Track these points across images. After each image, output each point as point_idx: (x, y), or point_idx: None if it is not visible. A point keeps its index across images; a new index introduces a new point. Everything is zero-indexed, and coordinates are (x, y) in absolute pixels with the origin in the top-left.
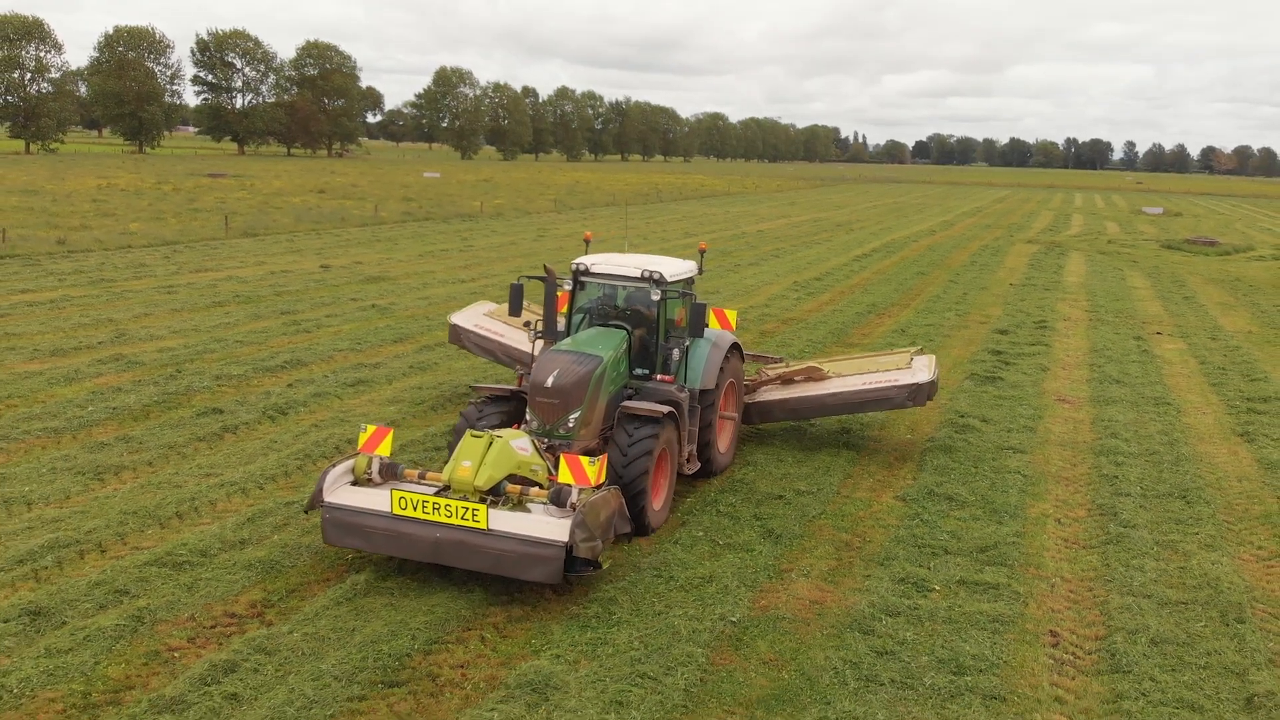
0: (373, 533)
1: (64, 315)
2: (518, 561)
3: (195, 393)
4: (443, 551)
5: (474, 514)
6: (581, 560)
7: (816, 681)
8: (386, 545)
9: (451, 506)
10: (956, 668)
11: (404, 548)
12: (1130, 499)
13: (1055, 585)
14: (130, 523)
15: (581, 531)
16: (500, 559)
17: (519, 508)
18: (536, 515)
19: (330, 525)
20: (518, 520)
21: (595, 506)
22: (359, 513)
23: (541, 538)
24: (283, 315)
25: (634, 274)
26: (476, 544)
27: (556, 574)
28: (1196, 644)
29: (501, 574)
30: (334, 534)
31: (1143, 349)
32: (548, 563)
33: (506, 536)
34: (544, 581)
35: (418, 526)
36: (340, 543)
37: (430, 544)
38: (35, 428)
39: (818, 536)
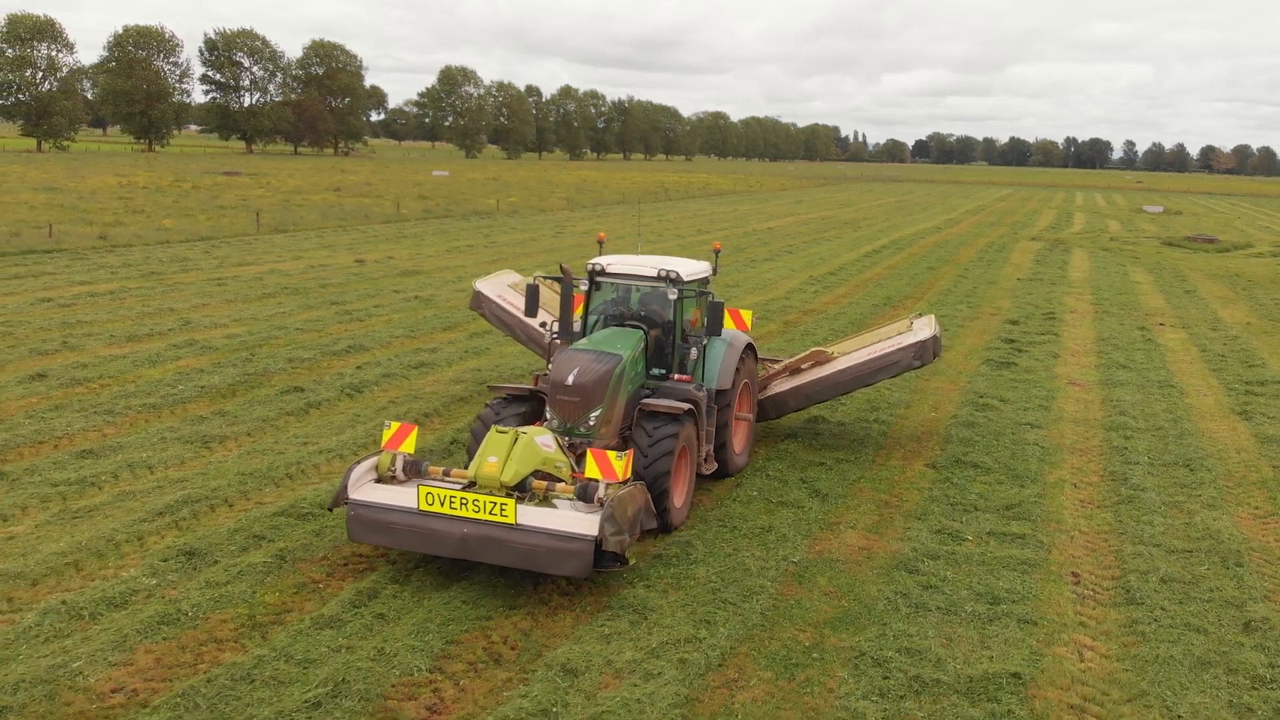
0: (399, 529)
1: (126, 305)
2: (548, 556)
3: (272, 374)
4: (470, 547)
5: (502, 509)
6: (610, 554)
7: (872, 608)
8: (413, 541)
9: (480, 501)
10: (992, 599)
11: (431, 544)
12: (1139, 467)
13: (1074, 537)
14: (248, 482)
15: (611, 525)
16: (530, 554)
17: (545, 503)
18: (563, 510)
19: (355, 522)
20: (546, 515)
21: (623, 501)
22: (385, 509)
23: (572, 532)
24: (333, 305)
25: (650, 274)
26: (505, 539)
27: (586, 568)
28: (1200, 583)
29: (530, 569)
30: (359, 531)
31: (1147, 338)
32: (578, 556)
33: (536, 531)
34: (573, 575)
35: (445, 522)
36: (365, 539)
37: (457, 539)
38: (135, 404)
39: (859, 496)
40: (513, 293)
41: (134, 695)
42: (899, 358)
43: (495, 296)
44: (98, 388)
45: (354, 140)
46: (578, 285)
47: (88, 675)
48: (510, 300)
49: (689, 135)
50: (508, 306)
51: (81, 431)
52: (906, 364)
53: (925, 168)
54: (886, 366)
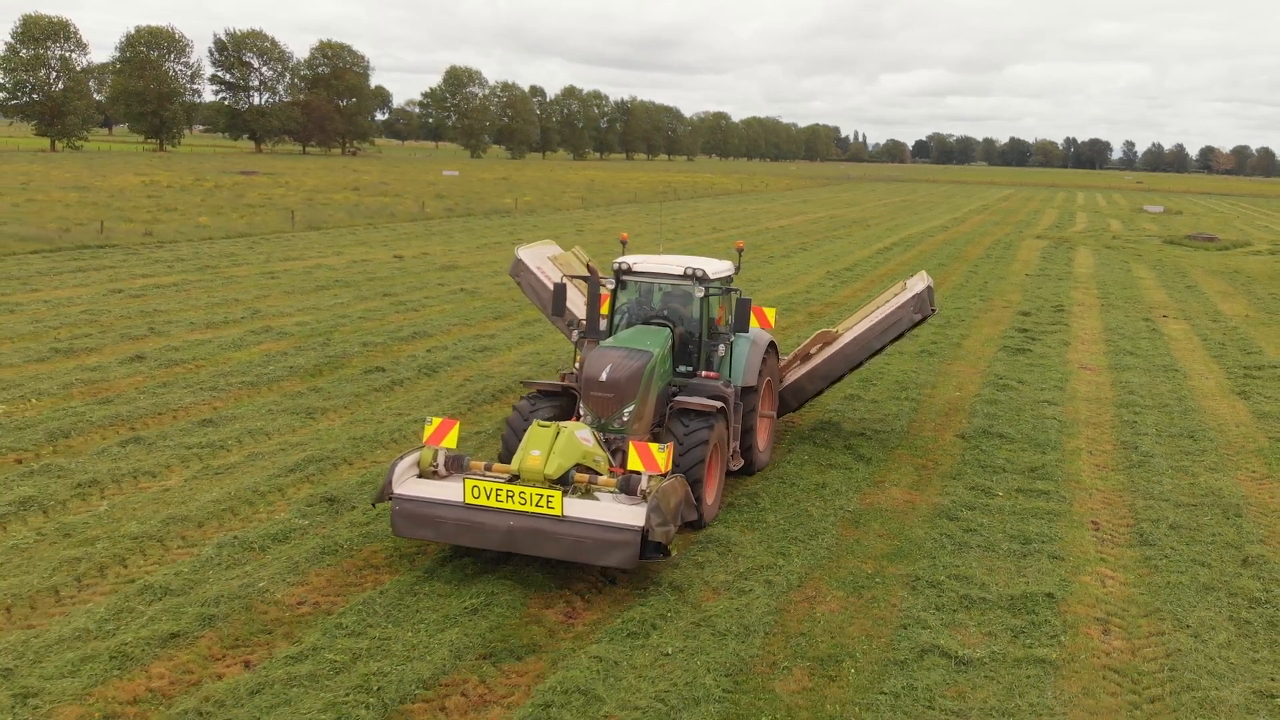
0: (444, 523)
1: (193, 297)
2: (594, 547)
3: (351, 356)
4: (516, 539)
5: (548, 500)
6: (654, 545)
7: (921, 546)
8: (458, 535)
9: (526, 494)
10: (1024, 540)
11: (476, 537)
12: (1148, 437)
13: (1092, 493)
14: (360, 445)
15: (657, 516)
16: (576, 545)
17: (587, 496)
18: (607, 502)
19: (400, 517)
20: (592, 507)
21: (666, 492)
22: (430, 503)
23: (619, 523)
24: (385, 297)
25: (676, 272)
26: (551, 530)
27: (633, 559)
28: (1204, 529)
29: (577, 560)
30: (404, 526)
31: (1151, 328)
32: (625, 547)
33: (582, 522)
34: (619, 567)
35: (491, 515)
36: (410, 534)
37: (503, 532)
38: (233, 382)
39: (899, 460)
40: (550, 265)
41: (317, 606)
42: (899, 315)
43: (534, 267)
44: (194, 368)
45: (361, 140)
46: (604, 284)
47: (273, 592)
48: (547, 273)
49: (690, 135)
50: (543, 279)
51: (193, 405)
52: (908, 320)
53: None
54: (890, 327)
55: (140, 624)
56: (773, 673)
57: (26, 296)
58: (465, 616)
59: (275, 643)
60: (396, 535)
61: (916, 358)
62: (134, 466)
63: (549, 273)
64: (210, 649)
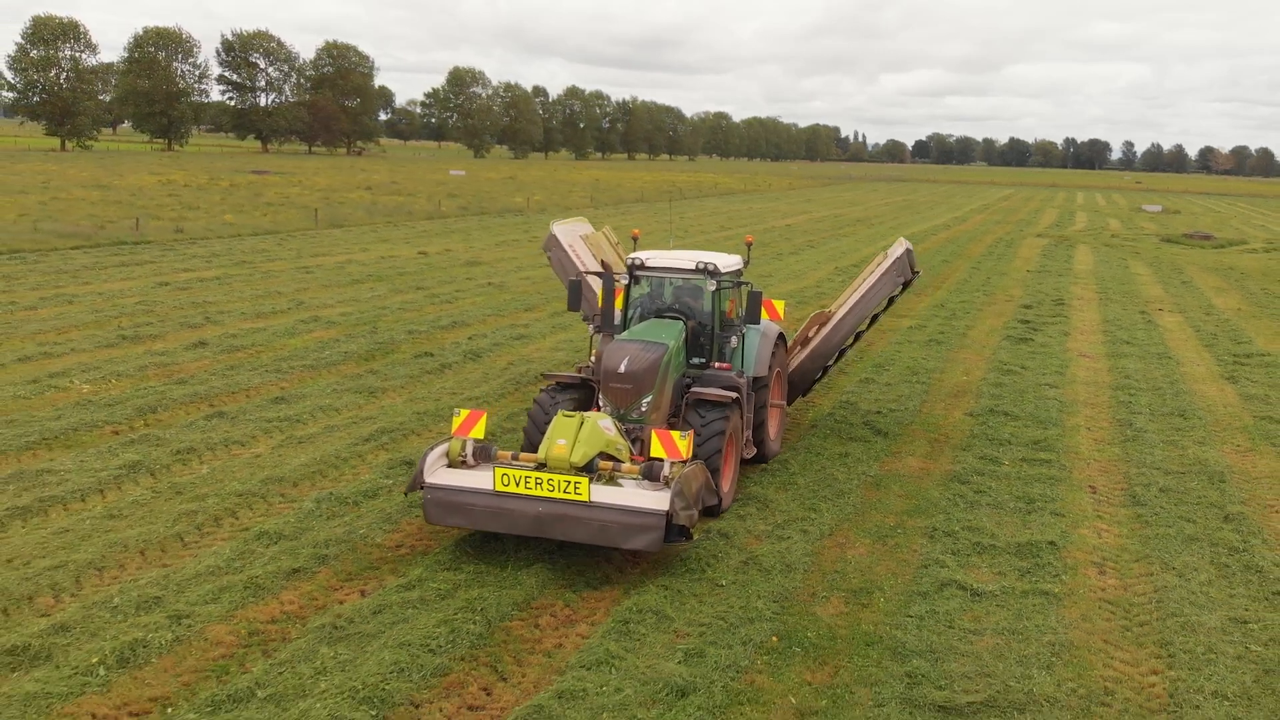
0: (475, 510)
1: (236, 289)
2: (620, 531)
3: (399, 343)
4: (545, 524)
5: (576, 487)
6: (677, 528)
7: (937, 504)
8: (489, 521)
9: (554, 481)
10: (1028, 500)
11: (506, 523)
12: (1141, 415)
13: (1090, 463)
14: (423, 419)
15: (680, 500)
16: (603, 529)
17: (611, 483)
18: (630, 488)
19: (432, 505)
20: (617, 493)
21: (688, 478)
22: (461, 491)
23: (644, 507)
24: (418, 290)
25: (689, 267)
26: (579, 516)
27: (658, 542)
28: (1191, 492)
29: (603, 544)
30: (436, 513)
31: (1147, 320)
32: (650, 531)
33: (608, 508)
34: (645, 549)
35: (520, 502)
36: (442, 521)
37: (532, 518)
38: (295, 365)
39: (913, 434)
40: (581, 245)
41: (414, 548)
42: (884, 282)
43: (566, 245)
44: (254, 353)
45: (366, 140)
46: (618, 280)
47: (373, 536)
48: (578, 252)
49: (691, 135)
50: (573, 257)
51: (262, 385)
52: (892, 283)
53: (926, 168)
54: (876, 290)
55: (263, 562)
56: (813, 600)
57: (80, 289)
58: (545, 557)
59: (384, 576)
60: (429, 522)
61: (925, 346)
62: (223, 437)
63: (579, 252)
64: (329, 581)
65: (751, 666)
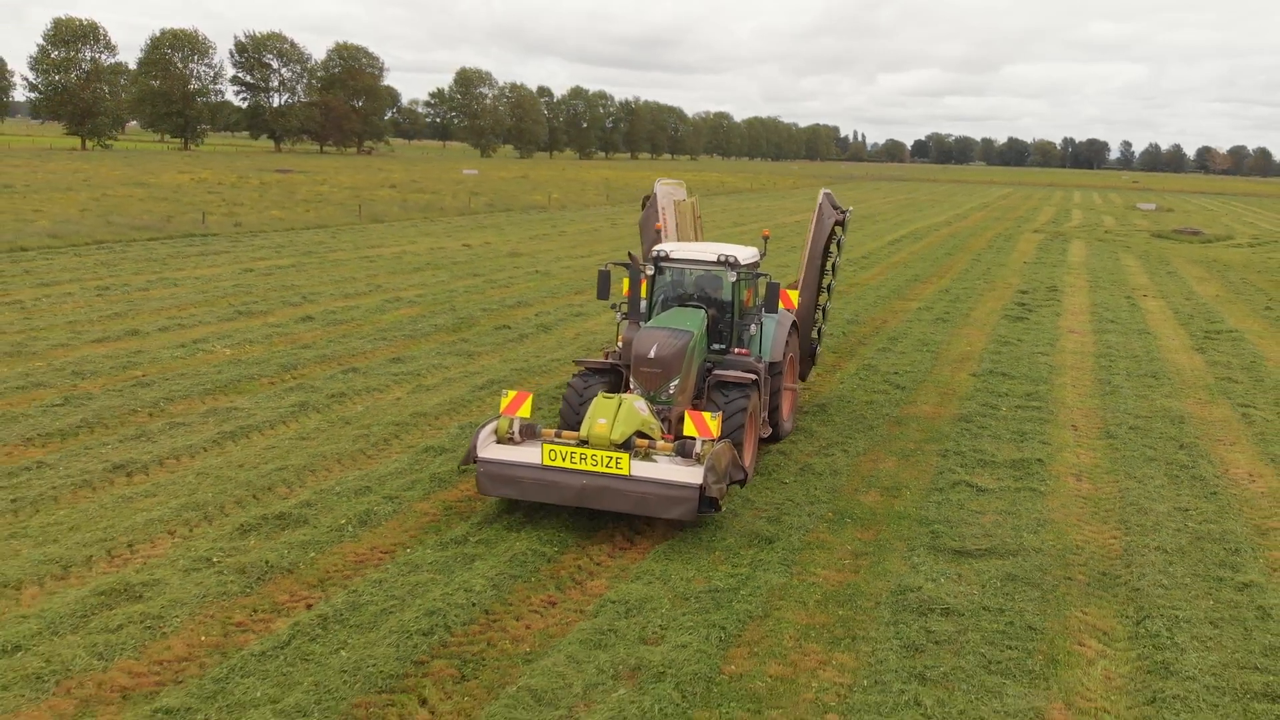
0: (524, 482)
1: (314, 275)
2: (658, 502)
3: (477, 319)
4: (588, 495)
5: (617, 462)
6: (709, 500)
7: (948, 435)
8: (537, 493)
9: (597, 456)
10: (1021, 434)
11: (552, 494)
12: (1119, 376)
13: (1073, 410)
14: (521, 374)
15: (712, 475)
16: (642, 500)
17: (646, 458)
18: (665, 464)
19: (485, 478)
20: (654, 467)
21: (719, 455)
22: (512, 465)
23: (680, 481)
24: (475, 277)
25: (711, 259)
26: (620, 488)
27: (692, 512)
28: (1154, 430)
29: (642, 513)
30: (488, 485)
31: (1131, 304)
32: (685, 502)
33: (647, 481)
34: (680, 519)
35: (566, 475)
36: (494, 493)
37: (577, 490)
38: (396, 335)
39: (926, 388)
40: (671, 208)
41: None
42: (821, 227)
43: (660, 206)
44: (356, 326)
45: (376, 139)
46: (644, 270)
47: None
48: (666, 213)
49: (693, 135)
50: (658, 212)
51: (375, 349)
52: (827, 227)
53: (926, 167)
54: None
55: (435, 465)
56: (857, 493)
57: (176, 274)
58: None
59: None
60: (481, 494)
61: (933, 323)
62: (363, 385)
63: (667, 214)
64: None
65: (816, 529)
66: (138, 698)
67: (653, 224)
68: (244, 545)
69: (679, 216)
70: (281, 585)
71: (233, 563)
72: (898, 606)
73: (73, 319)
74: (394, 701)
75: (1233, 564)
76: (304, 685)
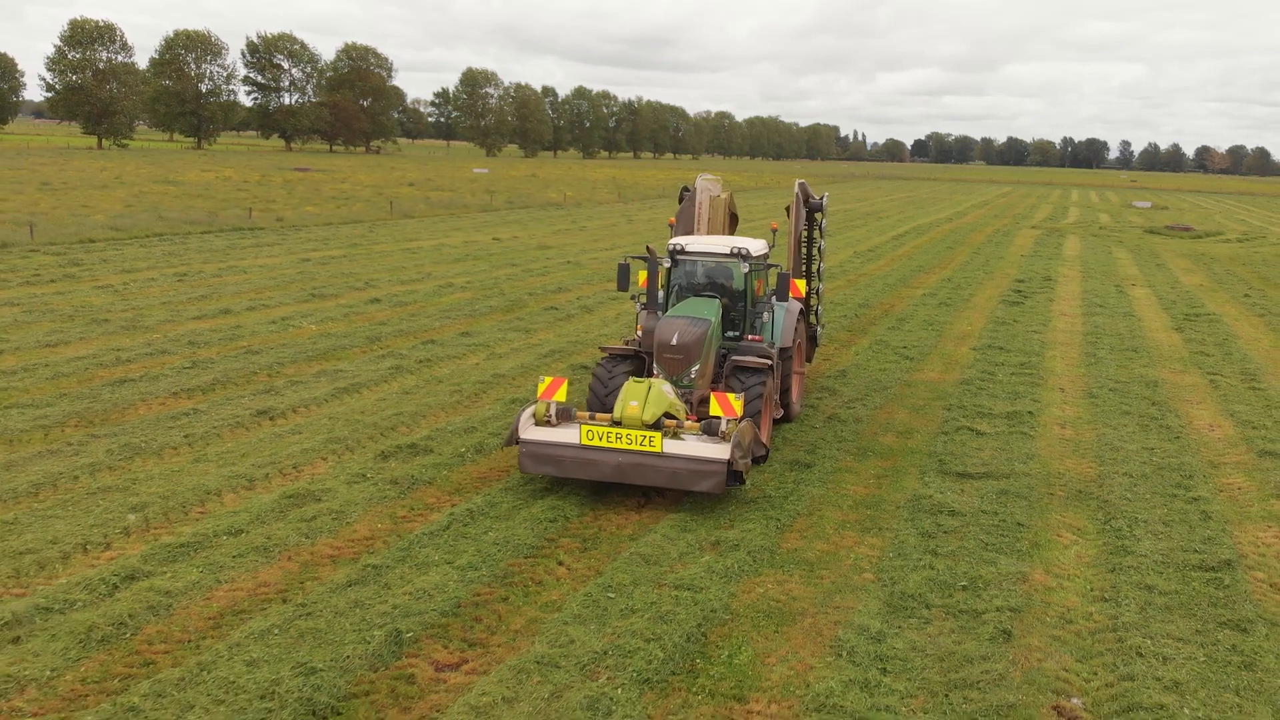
0: (564, 460)
1: (365, 264)
2: (689, 477)
3: (525, 301)
4: (624, 471)
5: (650, 440)
6: (734, 474)
7: (951, 394)
8: (576, 470)
9: (631, 435)
10: (1015, 394)
11: (591, 471)
12: (1103, 350)
13: (1061, 376)
14: (577, 345)
15: (738, 450)
16: (674, 475)
17: (676, 437)
18: (693, 441)
19: (527, 457)
20: (684, 445)
21: (743, 432)
22: (552, 445)
23: (709, 457)
24: (512, 266)
25: (724, 251)
26: (653, 464)
27: (721, 485)
28: (1131, 391)
29: (674, 487)
30: (530, 464)
31: (1120, 292)
32: (714, 476)
33: (678, 457)
34: (709, 491)
35: (602, 454)
36: (536, 470)
37: (613, 466)
38: (458, 314)
39: (931, 359)
40: (707, 202)
41: None
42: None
43: (698, 200)
44: (420, 307)
45: (384, 139)
46: (661, 263)
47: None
48: (703, 209)
49: (695, 134)
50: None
51: (443, 326)
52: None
53: (926, 167)
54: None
55: None
56: (876, 435)
57: (241, 262)
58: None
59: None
60: (523, 472)
61: (937, 307)
62: (443, 354)
63: (703, 210)
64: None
65: (844, 459)
66: (345, 561)
67: (690, 216)
68: (387, 466)
69: (711, 211)
70: (427, 492)
71: (383, 477)
72: (914, 509)
73: (165, 300)
74: (539, 563)
75: (1186, 485)
76: (468, 553)
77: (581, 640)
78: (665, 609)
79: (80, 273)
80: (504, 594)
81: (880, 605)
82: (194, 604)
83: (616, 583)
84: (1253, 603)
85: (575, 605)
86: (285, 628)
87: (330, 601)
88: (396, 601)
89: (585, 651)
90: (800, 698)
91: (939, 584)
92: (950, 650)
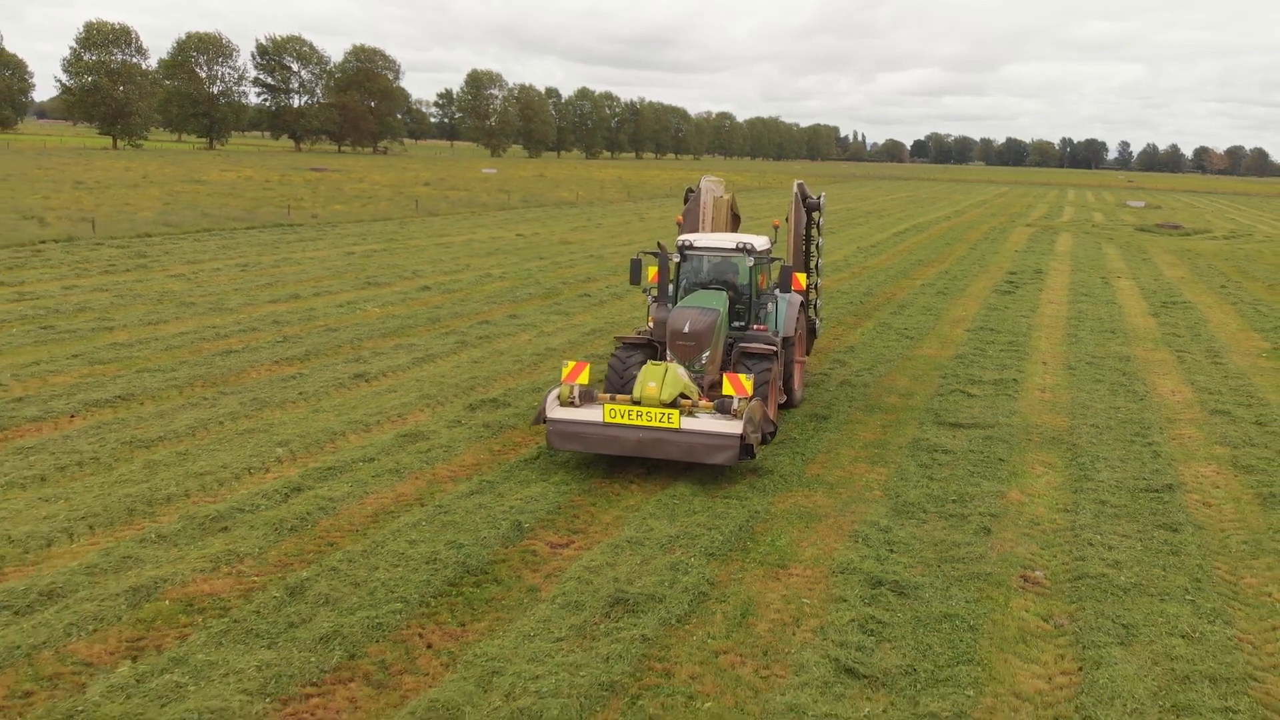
0: (589, 437)
1: (404, 257)
2: (705, 450)
3: (559, 290)
4: (644, 446)
5: (668, 417)
6: (746, 448)
7: (946, 366)
8: (600, 445)
9: (651, 413)
10: (1003, 366)
11: (614, 446)
12: (1084, 331)
13: (1044, 352)
14: (614, 325)
15: (750, 426)
16: (691, 449)
17: (691, 415)
18: (707, 419)
19: (554, 435)
20: (700, 421)
21: (754, 409)
22: (577, 423)
23: (723, 432)
24: (541, 259)
25: (730, 246)
26: (671, 439)
27: (734, 458)
28: (1106, 364)
29: (691, 460)
30: (557, 440)
31: (1105, 284)
32: (728, 449)
33: (695, 433)
34: (724, 464)
35: (624, 430)
36: (563, 446)
37: (634, 442)
38: (502, 300)
39: (929, 339)
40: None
41: None
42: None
43: (703, 201)
44: (467, 294)
45: (392, 139)
46: (671, 258)
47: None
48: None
49: (696, 135)
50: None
51: (491, 310)
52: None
53: (926, 167)
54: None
55: None
56: (880, 397)
57: (291, 254)
58: None
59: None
60: (551, 447)
61: (934, 296)
62: (498, 332)
63: (707, 210)
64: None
65: (855, 414)
66: (461, 479)
67: (694, 208)
68: (475, 415)
69: (715, 211)
70: (515, 433)
71: (475, 422)
72: (913, 448)
73: (236, 287)
74: (616, 480)
75: (1144, 435)
76: (559, 474)
77: (659, 528)
78: (719, 510)
79: (149, 263)
80: (592, 500)
81: (887, 510)
82: (352, 507)
83: (680, 493)
84: (1185, 513)
85: (650, 506)
86: (430, 520)
87: (460, 505)
88: (511, 504)
89: (663, 535)
90: (828, 565)
91: (934, 498)
92: (942, 539)
